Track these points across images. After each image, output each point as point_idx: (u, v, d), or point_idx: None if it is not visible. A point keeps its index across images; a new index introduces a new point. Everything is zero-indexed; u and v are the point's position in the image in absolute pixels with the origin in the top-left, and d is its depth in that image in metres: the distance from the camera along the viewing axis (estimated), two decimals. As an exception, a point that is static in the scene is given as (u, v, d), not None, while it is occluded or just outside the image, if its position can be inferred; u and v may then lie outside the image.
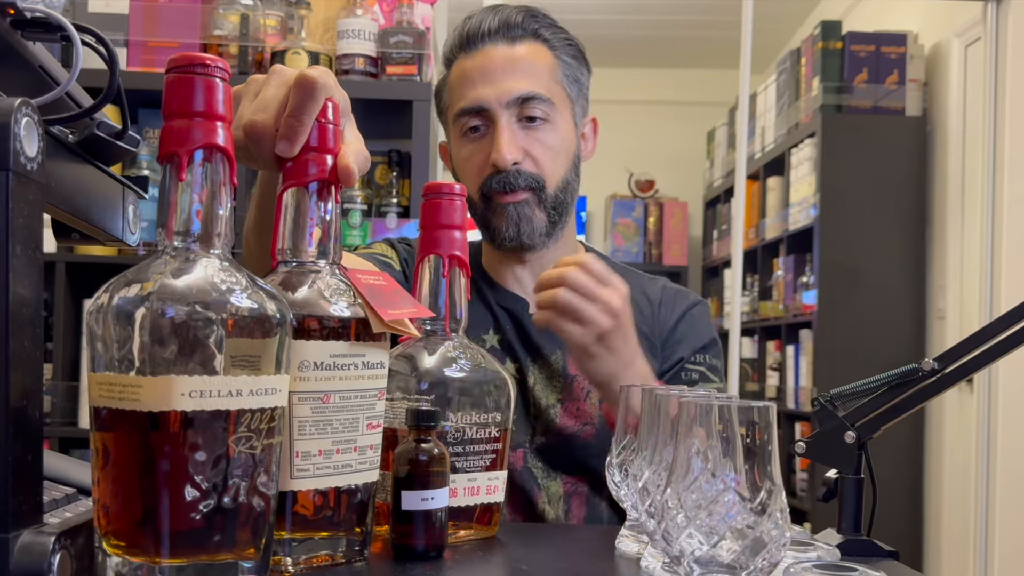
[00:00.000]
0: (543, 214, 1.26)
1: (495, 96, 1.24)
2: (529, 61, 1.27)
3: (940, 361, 0.87)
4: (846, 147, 3.69)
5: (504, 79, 1.25)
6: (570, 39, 1.32)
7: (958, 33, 3.58)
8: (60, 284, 2.37)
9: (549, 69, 1.28)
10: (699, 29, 5.32)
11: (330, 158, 0.77)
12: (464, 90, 1.27)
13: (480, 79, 1.26)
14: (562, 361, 1.27)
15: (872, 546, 0.87)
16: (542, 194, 1.25)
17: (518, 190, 1.24)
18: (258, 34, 2.34)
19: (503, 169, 1.23)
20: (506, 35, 1.27)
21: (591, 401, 1.25)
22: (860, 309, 3.65)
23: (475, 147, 1.27)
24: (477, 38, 1.27)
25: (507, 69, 1.25)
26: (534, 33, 1.28)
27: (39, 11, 0.68)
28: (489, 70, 1.26)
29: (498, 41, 1.27)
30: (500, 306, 1.31)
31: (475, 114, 1.26)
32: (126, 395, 0.60)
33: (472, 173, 1.28)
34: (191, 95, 0.64)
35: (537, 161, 1.25)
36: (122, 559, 0.61)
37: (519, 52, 1.27)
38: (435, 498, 0.80)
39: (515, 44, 1.27)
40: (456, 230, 0.91)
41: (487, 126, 1.26)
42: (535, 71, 1.27)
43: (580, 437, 1.24)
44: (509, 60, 1.26)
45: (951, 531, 3.50)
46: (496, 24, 1.27)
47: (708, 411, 0.62)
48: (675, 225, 5.66)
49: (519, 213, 1.25)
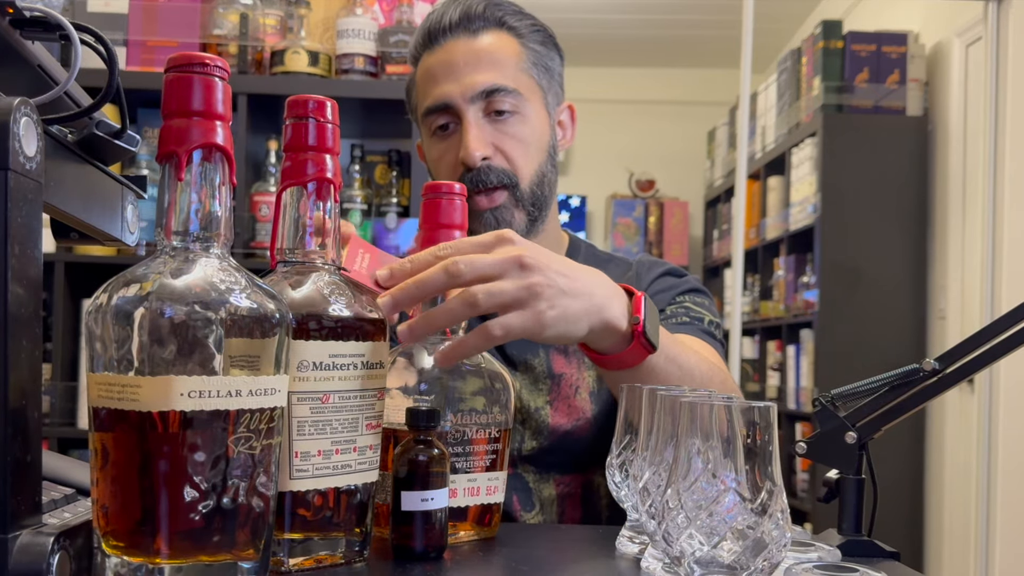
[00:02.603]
0: (522, 213, 1.24)
1: (459, 91, 1.22)
2: (493, 52, 1.24)
3: (941, 361, 0.87)
4: (847, 147, 3.69)
5: (467, 73, 1.22)
6: (537, 25, 1.29)
7: (959, 33, 3.58)
8: (59, 284, 2.37)
9: (515, 58, 1.25)
10: (699, 29, 5.32)
11: (329, 158, 0.77)
12: (429, 88, 1.25)
13: (443, 75, 1.23)
14: (546, 362, 1.24)
15: (873, 547, 0.87)
16: (517, 192, 1.23)
17: (492, 188, 1.22)
18: (257, 33, 2.34)
19: (472, 166, 1.21)
20: (467, 27, 1.24)
21: (581, 396, 1.24)
22: (861, 309, 3.65)
23: (445, 146, 1.25)
24: (439, 33, 1.25)
25: (470, 62, 1.22)
26: (498, 22, 1.25)
27: (38, 10, 0.68)
28: (452, 65, 1.23)
29: (460, 34, 1.24)
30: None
31: (441, 111, 1.23)
32: (125, 395, 0.60)
33: (445, 173, 1.25)
34: (190, 94, 0.64)
35: (508, 155, 1.23)
36: (121, 559, 0.61)
37: (482, 44, 1.24)
38: (435, 498, 0.80)
39: (477, 36, 1.24)
40: (456, 230, 0.91)
41: (455, 123, 1.24)
42: (500, 62, 1.24)
43: (574, 434, 1.22)
44: (472, 53, 1.23)
45: (952, 532, 3.50)
46: (457, 17, 1.24)
47: (708, 411, 0.62)
48: (675, 225, 5.66)
49: (497, 218, 1.22)
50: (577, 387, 1.24)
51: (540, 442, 1.22)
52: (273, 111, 2.37)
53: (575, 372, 1.25)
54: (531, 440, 1.22)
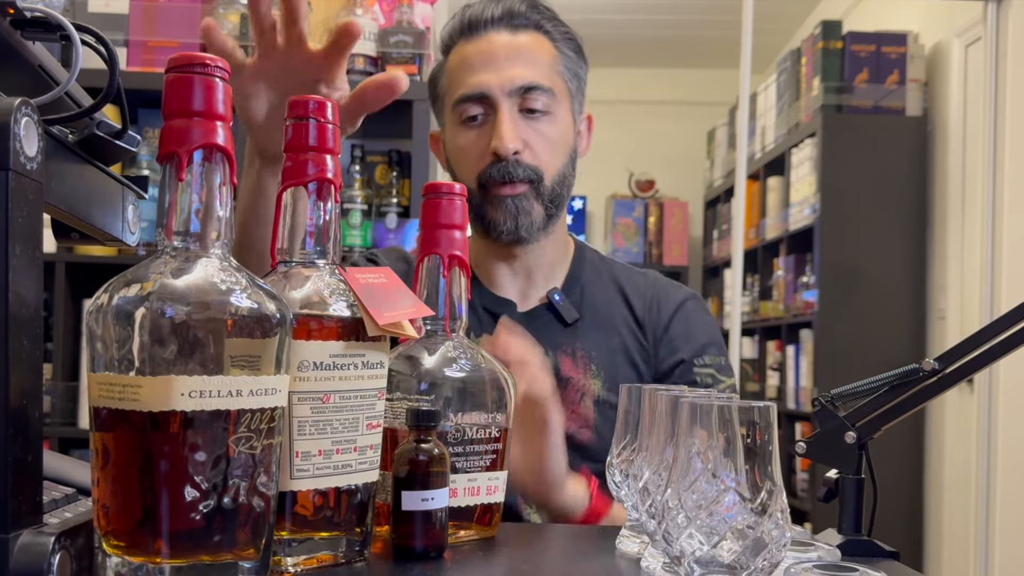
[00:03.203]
0: (540, 207, 1.24)
1: (498, 83, 1.23)
2: (532, 51, 1.25)
3: (940, 361, 0.87)
4: (846, 147, 3.69)
5: (507, 66, 1.23)
6: (570, 33, 1.31)
7: (958, 33, 3.58)
8: (60, 284, 2.37)
9: (551, 60, 1.27)
10: (699, 29, 5.32)
11: (330, 158, 0.77)
12: (464, 76, 1.25)
13: (482, 65, 1.24)
14: (554, 362, 1.24)
15: (873, 546, 0.87)
16: (540, 187, 1.24)
17: (517, 181, 1.22)
18: (258, 34, 2.34)
19: (504, 157, 1.21)
20: (509, 23, 1.26)
21: (585, 404, 1.24)
22: (860, 309, 3.65)
23: (474, 135, 1.25)
24: (480, 24, 1.26)
25: (511, 56, 1.24)
26: (536, 24, 1.27)
27: (39, 11, 0.68)
28: (492, 56, 1.24)
29: (501, 28, 1.25)
30: (484, 309, 1.28)
31: (476, 101, 1.24)
32: (126, 395, 0.60)
33: (469, 162, 1.25)
34: (191, 95, 0.64)
35: (536, 153, 1.23)
36: (122, 559, 0.61)
37: (522, 41, 1.25)
38: (435, 498, 0.80)
39: (517, 33, 1.26)
40: (456, 230, 0.91)
41: (487, 114, 1.24)
42: (537, 61, 1.25)
43: (576, 439, 1.22)
44: (513, 47, 1.24)
45: (952, 531, 3.50)
46: (500, 12, 1.26)
47: (708, 411, 0.62)
48: (675, 225, 5.66)
49: (517, 206, 1.23)
50: (583, 394, 1.24)
51: None
52: (273, 111, 2.37)
53: (582, 378, 1.25)
54: None
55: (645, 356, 1.29)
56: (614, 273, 1.35)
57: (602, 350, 1.27)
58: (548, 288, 1.29)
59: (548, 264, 1.31)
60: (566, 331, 1.27)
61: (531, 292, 1.30)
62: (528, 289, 1.30)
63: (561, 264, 1.32)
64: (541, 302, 1.29)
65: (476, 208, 1.25)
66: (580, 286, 1.31)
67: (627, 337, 1.29)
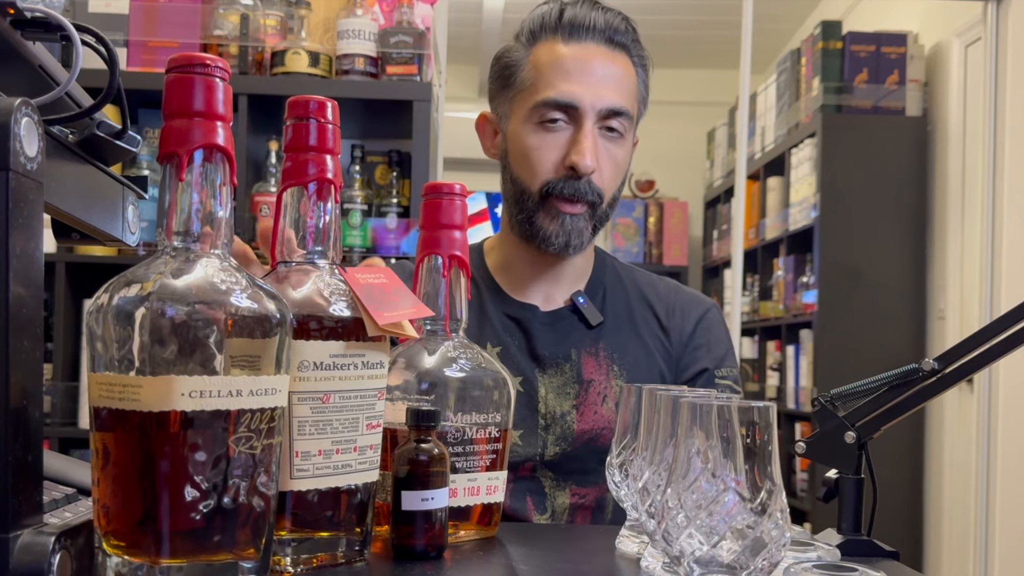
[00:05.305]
0: (590, 227, 1.25)
1: (590, 99, 1.21)
2: (624, 74, 1.25)
3: (940, 361, 0.87)
4: (846, 147, 3.69)
5: (602, 83, 1.22)
6: (646, 57, 1.30)
7: (958, 33, 3.58)
8: (60, 284, 2.37)
9: (633, 86, 1.27)
10: (699, 29, 5.32)
11: (329, 158, 0.77)
12: (557, 79, 1.22)
13: (578, 74, 1.22)
14: (577, 365, 1.25)
15: (872, 546, 0.87)
16: (597, 209, 1.24)
17: (581, 202, 1.22)
18: (258, 34, 2.34)
19: (582, 174, 1.20)
20: (609, 39, 1.24)
21: (608, 406, 1.24)
22: (860, 309, 3.65)
23: (551, 140, 1.23)
24: (580, 29, 1.23)
25: (607, 75, 1.23)
26: (629, 45, 1.26)
27: (39, 11, 0.68)
28: (589, 69, 1.22)
29: (600, 42, 1.24)
30: (507, 315, 1.28)
31: (562, 108, 1.22)
32: (126, 395, 0.60)
33: (539, 166, 1.23)
34: (191, 95, 0.64)
35: (603, 175, 1.23)
36: (122, 559, 0.61)
37: (619, 61, 1.25)
38: (435, 498, 0.80)
39: (615, 51, 1.25)
40: (456, 230, 0.91)
41: (568, 123, 1.22)
42: (626, 86, 1.25)
43: (597, 442, 1.22)
44: (610, 67, 1.23)
45: (951, 531, 3.50)
46: (602, 23, 1.24)
47: (708, 411, 0.62)
48: (675, 225, 5.66)
49: (574, 226, 1.23)
50: (605, 396, 1.24)
51: (563, 448, 1.22)
52: (274, 112, 2.37)
53: (604, 379, 1.25)
54: (554, 446, 1.22)
55: (669, 360, 1.29)
56: (635, 278, 1.36)
57: (625, 352, 1.27)
58: (572, 291, 1.30)
59: (575, 269, 1.31)
60: (590, 333, 1.27)
61: (556, 295, 1.30)
62: (553, 292, 1.30)
63: (585, 268, 1.33)
64: (565, 304, 1.29)
65: (528, 213, 1.24)
66: (603, 289, 1.31)
67: (651, 341, 1.29)
